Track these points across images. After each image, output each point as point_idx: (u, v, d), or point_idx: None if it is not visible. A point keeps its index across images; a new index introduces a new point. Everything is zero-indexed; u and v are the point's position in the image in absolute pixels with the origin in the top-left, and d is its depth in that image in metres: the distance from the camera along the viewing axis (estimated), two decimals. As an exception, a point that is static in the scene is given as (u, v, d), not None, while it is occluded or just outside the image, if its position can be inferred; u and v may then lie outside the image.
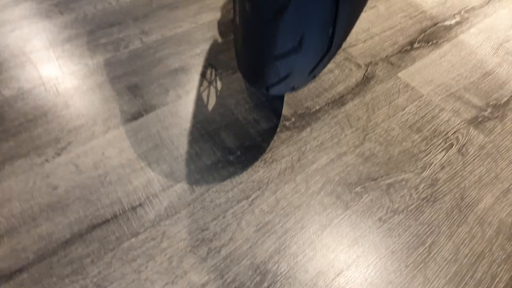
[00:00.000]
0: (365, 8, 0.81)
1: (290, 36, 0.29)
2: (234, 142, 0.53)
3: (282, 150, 0.53)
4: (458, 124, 0.57)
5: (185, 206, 0.46)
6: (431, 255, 0.43)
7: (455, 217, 0.46)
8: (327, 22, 0.27)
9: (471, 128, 0.56)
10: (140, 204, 0.46)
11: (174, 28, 0.73)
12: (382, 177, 0.50)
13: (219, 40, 0.71)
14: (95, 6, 0.78)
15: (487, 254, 0.43)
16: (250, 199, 0.47)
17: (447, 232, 0.45)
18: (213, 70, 0.64)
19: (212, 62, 0.66)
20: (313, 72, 0.37)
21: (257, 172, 0.50)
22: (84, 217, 0.45)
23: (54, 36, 0.70)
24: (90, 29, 0.72)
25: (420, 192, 0.48)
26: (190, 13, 0.77)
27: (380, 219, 0.46)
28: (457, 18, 0.78)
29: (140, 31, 0.72)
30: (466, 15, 0.79)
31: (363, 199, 0.47)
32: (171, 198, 0.47)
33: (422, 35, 0.74)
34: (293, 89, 0.44)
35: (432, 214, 0.46)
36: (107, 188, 0.48)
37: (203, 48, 0.69)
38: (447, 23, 0.77)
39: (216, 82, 0.62)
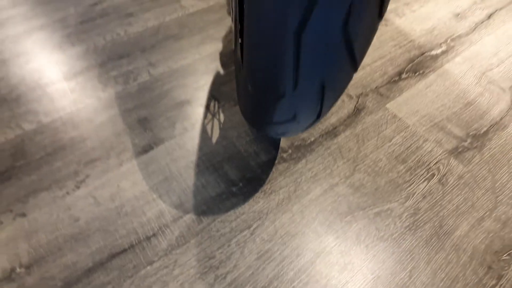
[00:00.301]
0: (357, 37, 0.86)
1: (285, 113, 0.34)
2: (236, 174, 0.59)
3: (280, 181, 0.58)
4: (440, 154, 0.62)
5: (194, 235, 0.52)
6: (411, 279, 0.49)
7: (434, 244, 0.52)
8: (316, 103, 0.32)
9: (452, 158, 0.62)
10: (154, 234, 0.52)
11: (180, 59, 0.78)
12: (370, 206, 0.55)
13: (221, 71, 0.76)
14: (105, 37, 0.83)
15: (461, 279, 0.49)
16: (251, 228, 0.53)
17: (426, 258, 0.51)
18: (216, 102, 0.69)
19: (215, 94, 0.71)
20: (307, 129, 0.42)
21: (258, 203, 0.56)
22: (104, 246, 0.50)
23: (67, 68, 0.75)
24: (101, 61, 0.77)
25: (404, 220, 0.54)
26: (194, 43, 0.82)
27: (367, 246, 0.52)
28: (444, 47, 0.84)
29: (148, 63, 0.77)
30: (452, 44, 0.85)
31: (352, 228, 0.53)
32: (181, 228, 0.52)
33: (410, 65, 0.79)
34: (290, 136, 0.50)
35: (413, 241, 0.52)
36: (124, 219, 0.53)
37: (206, 80, 0.74)
38: (434, 52, 0.82)
39: (219, 114, 0.67)
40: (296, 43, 0.26)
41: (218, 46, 0.82)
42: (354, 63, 0.28)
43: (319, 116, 0.36)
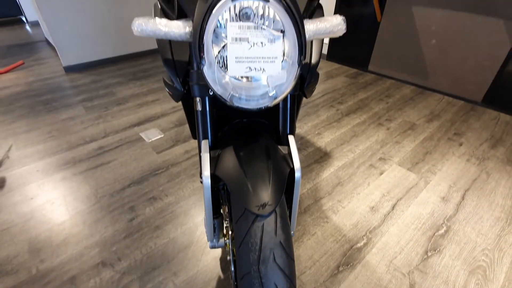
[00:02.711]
0: (309, 236, 1.31)
1: None
2: None
3: None
4: None
5: None
6: None
7: None
8: None
9: None
10: None
11: (193, 268, 1.17)
12: None
13: (221, 276, 1.14)
14: (141, 250, 1.23)
15: None
16: None
17: None
18: (220, 306, 1.05)
19: (218, 298, 1.07)
20: None
21: None
22: None
23: (118, 281, 1.11)
24: (140, 274, 1.14)
25: None
26: (201, 252, 1.22)
27: None
28: (365, 240, 1.29)
29: (172, 273, 1.15)
30: (370, 236, 1.31)
31: None
32: None
33: (344, 258, 1.21)
34: None
35: None
36: None
37: (213, 285, 1.11)
38: (358, 245, 1.27)
39: (222, 317, 1.02)
40: None
41: (217, 253, 1.23)
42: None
43: None
